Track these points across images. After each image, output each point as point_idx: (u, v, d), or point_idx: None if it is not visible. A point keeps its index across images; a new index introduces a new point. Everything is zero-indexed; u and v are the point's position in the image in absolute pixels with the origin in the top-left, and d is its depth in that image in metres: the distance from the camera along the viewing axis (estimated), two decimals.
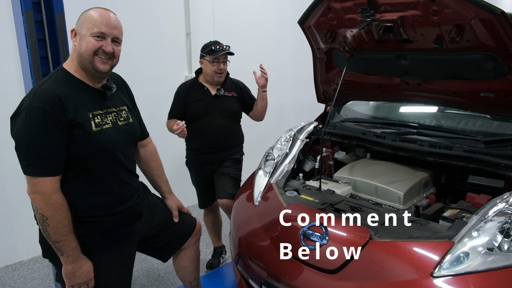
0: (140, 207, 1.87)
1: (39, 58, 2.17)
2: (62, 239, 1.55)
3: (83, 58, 1.62)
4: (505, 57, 1.76)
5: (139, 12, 3.47)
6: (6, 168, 3.02)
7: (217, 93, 2.76)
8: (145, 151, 2.05)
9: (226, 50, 2.69)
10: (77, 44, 1.62)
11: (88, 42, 1.60)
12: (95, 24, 1.60)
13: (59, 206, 1.53)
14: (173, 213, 2.09)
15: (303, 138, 2.55)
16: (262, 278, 1.88)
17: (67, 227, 1.55)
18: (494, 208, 1.59)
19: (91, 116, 1.62)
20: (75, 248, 1.59)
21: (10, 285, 2.94)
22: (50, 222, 1.52)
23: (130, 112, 1.84)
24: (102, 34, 1.61)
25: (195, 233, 2.16)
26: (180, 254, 2.16)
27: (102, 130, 1.64)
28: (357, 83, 2.46)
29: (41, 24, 2.16)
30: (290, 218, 1.89)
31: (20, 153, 1.53)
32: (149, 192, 2.04)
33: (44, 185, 1.51)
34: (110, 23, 1.63)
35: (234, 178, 2.79)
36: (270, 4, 4.49)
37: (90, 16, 1.60)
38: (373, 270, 1.56)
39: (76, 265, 1.60)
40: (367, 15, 1.93)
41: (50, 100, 1.51)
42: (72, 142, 1.56)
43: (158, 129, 2.86)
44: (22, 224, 3.13)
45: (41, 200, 1.51)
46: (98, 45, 1.61)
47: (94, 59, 1.62)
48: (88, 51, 1.60)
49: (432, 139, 2.17)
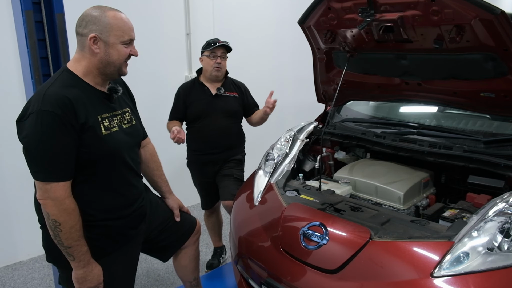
0: (145, 209, 1.87)
1: (39, 58, 2.17)
2: (74, 244, 1.54)
3: (111, 66, 1.61)
4: (505, 57, 1.76)
5: (139, 12, 3.47)
6: (6, 169, 3.02)
7: (218, 93, 2.75)
8: (144, 151, 2.05)
9: (223, 43, 2.70)
10: (102, 51, 1.58)
11: (120, 51, 1.61)
12: (124, 32, 1.60)
13: (71, 211, 1.52)
14: (175, 212, 2.09)
15: (303, 138, 2.55)
16: (262, 278, 1.88)
17: (79, 232, 1.55)
18: (494, 208, 1.59)
19: (100, 120, 1.61)
20: (86, 253, 1.58)
21: (10, 285, 2.94)
22: (63, 228, 1.51)
23: (132, 114, 1.83)
24: (131, 41, 1.64)
25: (195, 233, 2.16)
26: (180, 254, 2.17)
27: (111, 133, 1.63)
28: (357, 83, 2.46)
29: (41, 24, 2.16)
30: (290, 218, 1.89)
31: (30, 158, 1.50)
32: (150, 192, 2.04)
33: (58, 190, 1.49)
34: (132, 27, 1.65)
35: (238, 179, 2.79)
36: (270, 4, 4.49)
37: (115, 23, 1.58)
38: (373, 270, 1.56)
39: (87, 269, 1.60)
40: (367, 15, 1.93)
41: (61, 103, 1.47)
42: (82, 145, 1.54)
43: (158, 129, 2.87)
44: (22, 224, 3.13)
45: (54, 206, 1.49)
46: (128, 52, 1.63)
47: (122, 65, 1.64)
48: (121, 59, 1.62)
49: (432, 139, 2.17)
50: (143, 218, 1.86)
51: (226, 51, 2.74)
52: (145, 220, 1.88)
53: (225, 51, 2.73)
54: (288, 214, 1.91)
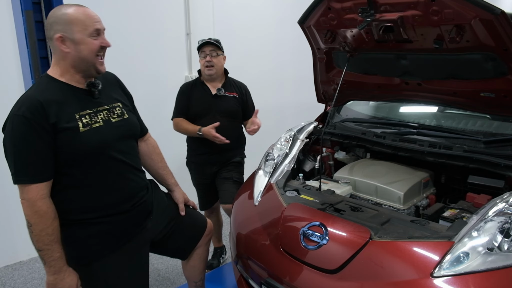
0: (148, 205, 1.84)
1: (39, 58, 2.18)
2: (45, 247, 1.53)
3: (84, 62, 1.60)
4: (505, 57, 1.76)
5: (139, 12, 3.47)
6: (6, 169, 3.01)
7: (217, 93, 2.75)
8: (146, 145, 2.03)
9: (209, 40, 2.67)
10: (72, 50, 1.56)
11: (90, 44, 1.58)
12: (87, 24, 1.56)
13: (43, 214, 1.52)
14: (180, 206, 2.06)
15: (303, 138, 2.55)
16: (262, 278, 1.88)
17: (50, 236, 1.53)
18: (494, 208, 1.59)
19: (78, 117, 1.59)
20: (58, 259, 1.56)
21: (10, 285, 2.94)
22: (34, 229, 1.52)
23: (125, 108, 1.80)
24: (98, 31, 1.60)
25: (207, 233, 2.14)
26: (192, 254, 2.14)
27: (90, 129, 1.61)
28: (357, 83, 2.46)
29: (41, 24, 2.16)
30: (290, 218, 1.89)
31: (8, 161, 1.55)
32: (158, 190, 2.01)
33: (30, 192, 1.51)
34: (96, 17, 1.60)
35: (237, 182, 2.78)
36: (270, 4, 4.49)
37: (75, 18, 1.55)
38: (373, 270, 1.56)
39: (58, 276, 1.57)
40: (367, 15, 1.93)
41: (31, 106, 1.49)
42: (60, 145, 1.54)
43: (158, 129, 2.86)
44: (22, 224, 3.08)
45: (27, 207, 1.51)
46: (98, 43, 1.60)
47: (95, 60, 1.61)
48: (92, 53, 1.59)
49: (432, 139, 2.17)
50: (147, 215, 1.83)
51: (216, 48, 2.69)
52: (150, 216, 1.85)
53: (214, 48, 2.69)
54: (288, 214, 1.91)
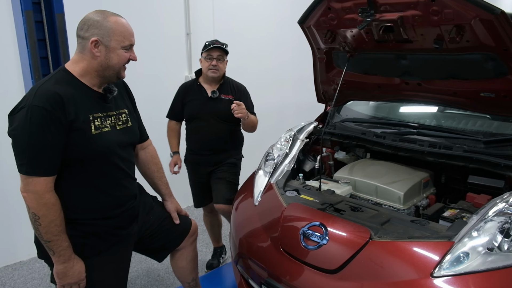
0: (136, 210, 1.86)
1: (39, 58, 2.18)
2: (54, 238, 1.55)
3: (110, 69, 1.64)
4: (505, 57, 1.76)
5: (139, 12, 3.47)
6: (6, 168, 3.01)
7: (212, 96, 2.73)
8: (145, 153, 2.05)
9: (219, 45, 2.67)
10: (103, 55, 1.61)
11: (120, 56, 1.64)
12: (125, 37, 1.63)
13: (51, 206, 1.53)
14: (172, 215, 2.08)
15: (303, 138, 2.55)
16: (262, 278, 1.88)
17: (59, 227, 1.55)
18: (494, 208, 1.59)
19: (91, 119, 1.62)
20: (67, 248, 1.58)
21: (10, 285, 2.94)
22: (42, 222, 1.52)
23: (130, 115, 1.83)
24: (131, 46, 1.67)
25: (191, 234, 2.15)
26: (177, 255, 2.16)
27: (101, 133, 1.64)
28: (357, 83, 2.46)
29: (41, 24, 2.17)
30: (290, 218, 1.89)
31: (17, 151, 1.53)
32: (145, 193, 2.04)
33: (38, 184, 1.51)
34: (132, 33, 1.68)
35: (231, 182, 2.78)
36: (270, 4, 4.49)
37: (116, 29, 1.61)
38: (373, 270, 1.57)
39: (67, 265, 1.60)
40: (367, 15, 1.93)
41: (51, 99, 1.50)
42: (71, 143, 1.55)
43: (158, 129, 2.87)
44: (22, 224, 3.13)
45: (34, 199, 1.51)
46: (127, 56, 1.67)
47: (121, 69, 1.67)
48: (121, 63, 1.65)
49: (432, 139, 2.17)
50: (134, 219, 1.85)
51: (223, 53, 2.71)
52: (137, 220, 1.87)
53: (222, 53, 2.70)
54: (288, 214, 1.91)
